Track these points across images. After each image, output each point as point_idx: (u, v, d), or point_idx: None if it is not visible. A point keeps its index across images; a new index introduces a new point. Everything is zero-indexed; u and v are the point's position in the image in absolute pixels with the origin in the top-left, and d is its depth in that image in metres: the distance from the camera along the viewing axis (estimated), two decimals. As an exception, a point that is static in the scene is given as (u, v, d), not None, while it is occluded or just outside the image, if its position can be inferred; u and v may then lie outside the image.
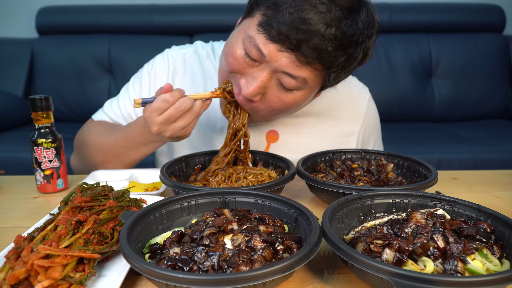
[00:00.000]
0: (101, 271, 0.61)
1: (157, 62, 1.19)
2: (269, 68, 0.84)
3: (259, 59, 0.84)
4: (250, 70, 0.87)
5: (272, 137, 1.15)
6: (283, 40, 0.78)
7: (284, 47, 0.79)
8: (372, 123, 1.22)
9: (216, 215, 0.67)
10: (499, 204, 0.91)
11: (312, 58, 0.79)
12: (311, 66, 0.81)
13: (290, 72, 0.82)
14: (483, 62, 2.80)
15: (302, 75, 0.83)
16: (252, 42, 0.83)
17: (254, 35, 0.83)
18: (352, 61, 0.84)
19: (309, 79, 0.84)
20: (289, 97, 0.88)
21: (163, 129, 0.88)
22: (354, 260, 0.51)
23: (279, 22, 0.77)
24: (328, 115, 1.16)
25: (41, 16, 2.86)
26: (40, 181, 0.97)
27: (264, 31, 0.80)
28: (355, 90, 1.20)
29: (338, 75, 0.86)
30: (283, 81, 0.85)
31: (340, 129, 1.17)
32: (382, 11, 2.86)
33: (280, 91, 0.87)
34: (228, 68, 0.91)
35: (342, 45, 0.79)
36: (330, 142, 1.16)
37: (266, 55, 0.82)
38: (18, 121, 2.62)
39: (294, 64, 0.81)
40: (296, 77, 0.83)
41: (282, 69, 0.82)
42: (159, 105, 0.86)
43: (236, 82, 0.91)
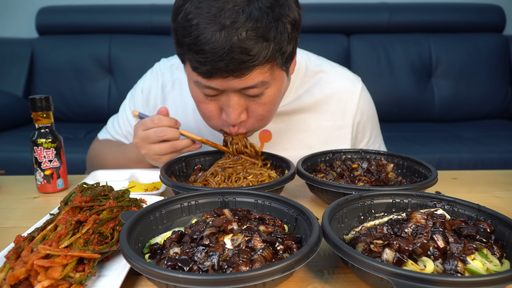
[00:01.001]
0: (101, 271, 0.61)
1: (147, 78, 1.23)
2: (230, 92, 0.85)
3: (217, 92, 0.86)
4: (221, 103, 0.89)
5: (265, 137, 1.15)
6: (216, 71, 0.79)
7: (223, 74, 0.80)
8: (366, 114, 1.19)
9: (216, 215, 0.67)
10: (499, 204, 0.91)
11: (248, 67, 0.79)
12: (254, 71, 0.81)
13: (246, 86, 0.83)
14: (483, 62, 2.80)
15: (257, 81, 0.83)
16: (200, 85, 0.86)
17: (196, 79, 0.85)
18: (283, 37, 0.81)
19: (264, 78, 0.84)
20: (264, 99, 0.89)
21: (140, 144, 0.95)
22: (354, 260, 0.51)
23: (200, 62, 0.79)
24: (319, 110, 1.15)
25: (41, 16, 2.86)
26: (40, 181, 0.97)
27: (200, 74, 0.82)
28: (346, 81, 1.18)
29: (284, 55, 0.85)
30: (249, 93, 0.86)
31: (333, 122, 1.16)
32: (382, 11, 2.87)
33: (255, 100, 0.88)
34: (207, 116, 0.94)
35: (261, 37, 0.77)
36: (324, 137, 1.15)
37: (217, 87, 0.84)
38: (18, 121, 2.61)
39: (242, 80, 0.81)
40: (254, 86, 0.84)
41: (237, 88, 0.83)
42: (146, 122, 0.94)
43: (221, 124, 0.94)
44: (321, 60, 1.22)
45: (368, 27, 2.89)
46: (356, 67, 2.78)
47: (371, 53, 2.80)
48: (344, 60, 2.80)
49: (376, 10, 2.88)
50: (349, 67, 2.78)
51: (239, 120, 0.90)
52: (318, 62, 1.20)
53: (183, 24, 0.79)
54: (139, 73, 1.33)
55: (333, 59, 1.27)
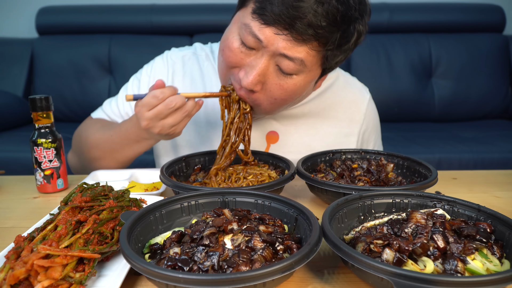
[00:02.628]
0: (101, 271, 0.61)
1: (157, 64, 1.20)
2: (266, 53, 0.84)
3: (256, 46, 0.85)
4: (248, 60, 0.87)
5: (272, 138, 1.15)
6: (278, 21, 0.79)
7: (280, 29, 0.80)
8: (372, 124, 1.22)
9: (216, 215, 0.67)
10: (499, 204, 0.91)
11: (307, 35, 0.80)
12: (307, 45, 0.81)
13: (287, 54, 0.82)
14: (483, 62, 2.80)
15: (300, 55, 0.83)
16: (247, 30, 0.84)
17: (249, 23, 0.83)
18: (347, 39, 0.84)
19: (307, 60, 0.84)
20: (289, 83, 0.88)
21: (152, 125, 0.89)
22: (354, 260, 0.51)
23: (272, 4, 0.78)
24: (328, 116, 1.16)
25: (41, 16, 2.86)
26: (40, 181, 0.97)
27: (259, 17, 0.81)
28: (355, 90, 1.20)
29: (335, 55, 0.86)
30: (282, 65, 0.85)
31: (340, 129, 1.17)
32: (382, 11, 2.87)
33: (279, 78, 0.87)
34: (226, 63, 0.91)
35: (335, 20, 0.79)
36: (330, 143, 1.16)
37: (262, 40, 0.82)
38: (18, 121, 2.62)
39: (291, 45, 0.81)
40: (293, 59, 0.83)
41: (279, 51, 0.82)
42: (149, 101, 0.87)
43: (235, 77, 0.92)
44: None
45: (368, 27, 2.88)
46: (356, 67, 2.78)
47: (371, 53, 2.81)
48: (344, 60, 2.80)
49: (376, 10, 2.88)
50: (349, 67, 2.78)
51: (253, 86, 0.88)
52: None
53: None
54: (139, 73, 1.33)
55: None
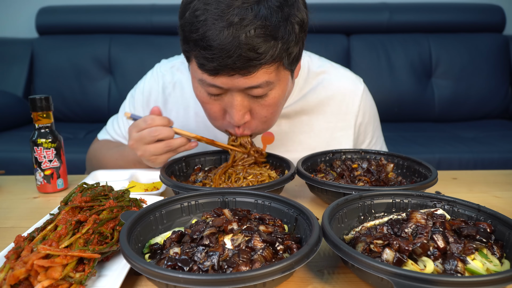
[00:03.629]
0: (101, 271, 0.61)
1: (148, 80, 1.22)
2: (234, 92, 0.85)
3: (221, 91, 0.86)
4: (224, 103, 0.89)
5: (267, 139, 1.15)
6: (223, 68, 0.79)
7: (229, 71, 0.80)
8: (368, 115, 1.20)
9: (216, 215, 0.67)
10: (499, 204, 0.91)
11: (255, 65, 0.79)
12: (261, 69, 0.81)
13: (250, 86, 0.83)
14: (483, 62, 2.80)
15: (262, 80, 0.83)
16: (205, 84, 0.85)
17: (201, 77, 0.84)
18: (290, 38, 0.82)
19: (270, 78, 0.84)
20: (268, 100, 0.88)
21: (136, 146, 0.94)
22: (354, 260, 0.51)
23: (207, 58, 0.79)
24: (321, 111, 1.15)
25: (41, 16, 2.86)
26: (40, 181, 0.97)
27: (205, 71, 0.82)
28: (348, 82, 1.18)
29: (290, 53, 0.85)
30: (253, 93, 0.86)
31: (335, 124, 1.16)
32: (382, 11, 2.87)
33: (258, 101, 0.88)
34: (211, 116, 0.94)
35: (269, 37, 0.78)
36: (327, 138, 1.16)
37: (222, 86, 0.84)
38: (18, 121, 2.61)
39: (247, 79, 0.81)
40: (259, 86, 0.84)
41: (242, 87, 0.83)
42: (139, 123, 0.93)
43: (226, 125, 0.94)
44: (323, 61, 1.22)
45: (368, 27, 2.89)
46: (356, 67, 2.78)
47: (371, 53, 2.80)
48: (344, 60, 2.80)
49: (376, 10, 2.88)
50: (349, 67, 2.78)
51: (243, 121, 0.89)
52: (320, 63, 1.20)
53: (190, 20, 0.79)
54: (139, 73, 1.33)
55: (333, 59, 1.27)
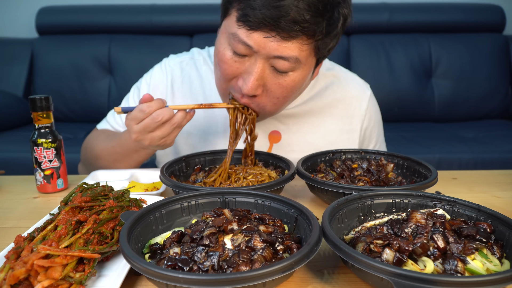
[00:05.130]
0: (101, 271, 0.61)
1: (155, 73, 1.21)
2: (260, 57, 0.85)
3: (248, 52, 0.85)
4: (243, 68, 0.88)
5: (274, 138, 1.15)
6: (263, 24, 0.79)
7: (267, 31, 0.80)
8: (374, 120, 1.22)
9: (216, 215, 0.67)
10: (499, 204, 0.91)
11: (294, 32, 0.80)
12: (297, 41, 0.82)
13: (280, 55, 0.83)
14: (483, 62, 2.80)
15: (292, 54, 0.83)
16: (236, 39, 0.84)
17: (236, 31, 0.84)
18: (334, 25, 0.84)
19: (300, 56, 0.84)
20: (287, 80, 0.88)
21: (141, 138, 0.91)
22: (354, 260, 0.51)
23: (253, 9, 0.79)
24: (329, 113, 1.16)
25: (41, 16, 2.86)
26: (40, 181, 0.97)
27: (244, 24, 0.81)
28: (356, 87, 1.20)
29: (325, 43, 0.87)
30: (277, 66, 0.85)
31: (342, 126, 1.17)
32: (382, 11, 2.87)
33: (277, 77, 0.88)
34: (224, 76, 0.92)
35: (318, 11, 0.80)
36: (332, 140, 1.16)
37: (253, 46, 0.83)
38: (18, 121, 2.61)
39: (282, 45, 0.82)
40: (287, 58, 0.83)
41: (272, 54, 0.83)
42: (136, 115, 0.89)
43: (235, 88, 0.93)
44: (333, 64, 1.24)
45: (368, 27, 2.89)
46: (356, 67, 2.78)
47: (371, 53, 2.80)
48: (344, 60, 2.80)
49: (376, 10, 2.88)
50: (349, 67, 2.78)
51: (254, 92, 0.88)
52: (330, 66, 1.22)
53: None
54: (139, 73, 1.33)
55: (333, 59, 1.28)
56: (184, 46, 2.73)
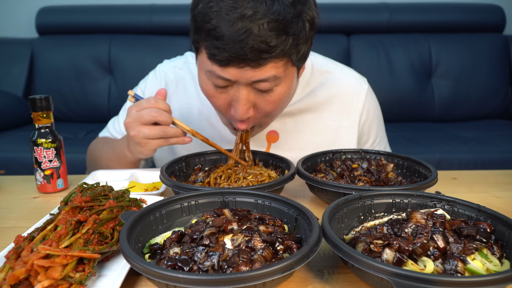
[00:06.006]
0: (101, 271, 0.61)
1: (150, 80, 1.23)
2: (240, 85, 0.86)
3: (228, 83, 0.87)
4: (230, 96, 0.89)
5: (272, 137, 1.15)
6: (233, 59, 0.80)
7: (239, 64, 0.81)
8: (372, 115, 1.21)
9: (216, 215, 0.67)
10: (499, 204, 0.91)
11: (265, 58, 0.80)
12: (269, 64, 0.82)
13: (258, 79, 0.84)
14: (483, 62, 2.80)
15: (269, 74, 0.84)
16: (213, 75, 0.86)
17: (211, 68, 0.85)
18: (301, 35, 0.84)
19: (278, 73, 0.85)
20: (274, 96, 0.89)
21: (131, 125, 0.92)
22: (354, 260, 0.51)
23: (218, 48, 0.80)
24: (326, 110, 1.16)
25: (41, 16, 2.86)
26: (40, 181, 0.97)
27: (215, 61, 0.83)
28: (352, 82, 1.20)
29: (298, 51, 0.86)
30: (259, 87, 0.86)
31: (339, 122, 1.17)
32: (382, 11, 2.87)
33: (264, 96, 0.89)
34: (217, 109, 0.95)
35: (281, 30, 0.79)
36: (331, 136, 1.16)
37: (230, 78, 0.84)
38: (18, 121, 2.61)
39: (256, 71, 0.82)
40: (266, 79, 0.84)
41: (250, 80, 0.84)
42: (141, 102, 0.92)
43: (228, 118, 0.96)
44: (327, 60, 1.23)
45: (368, 27, 2.89)
46: (356, 67, 2.78)
47: (371, 53, 2.80)
48: (344, 60, 2.80)
49: (376, 10, 2.88)
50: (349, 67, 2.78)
51: (246, 116, 0.90)
52: (324, 62, 1.21)
53: (204, 10, 0.80)
54: (139, 73, 1.34)
55: (333, 59, 1.28)
56: (184, 46, 2.73)
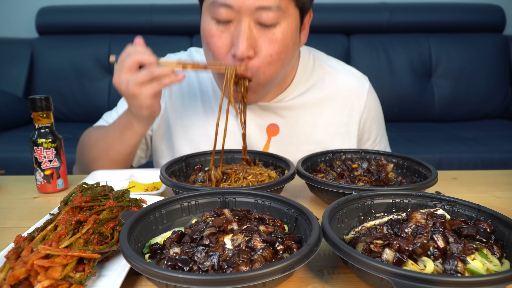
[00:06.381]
0: (101, 271, 0.61)
1: None
2: (243, 16, 0.85)
3: (230, 15, 0.85)
4: (231, 36, 0.88)
5: (272, 131, 1.15)
6: None
7: None
8: (373, 113, 1.21)
9: (216, 215, 0.67)
10: (499, 204, 0.91)
11: None
12: None
13: (262, 5, 0.83)
14: (483, 62, 2.80)
15: (273, 2, 0.83)
16: (216, 4, 0.85)
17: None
18: None
19: (281, 4, 0.85)
20: (276, 33, 0.88)
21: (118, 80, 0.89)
22: (354, 260, 0.51)
23: None
24: (327, 106, 1.16)
25: (41, 16, 2.86)
26: (40, 181, 0.97)
27: None
28: (354, 79, 1.20)
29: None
30: (262, 20, 0.85)
31: (340, 118, 1.17)
32: (382, 11, 2.87)
33: (266, 33, 0.88)
34: (217, 53, 0.91)
35: None
36: (331, 132, 1.16)
37: (233, 4, 0.83)
38: (18, 121, 2.61)
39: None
40: (269, 7, 0.84)
41: (253, 6, 0.83)
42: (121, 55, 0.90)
43: (228, 58, 0.92)
44: (330, 58, 1.25)
45: (368, 27, 2.89)
46: (356, 67, 2.72)
47: (371, 53, 2.80)
48: (344, 60, 2.75)
49: (376, 10, 2.88)
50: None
51: (247, 53, 0.88)
52: (326, 58, 1.23)
53: None
54: (139, 73, 1.33)
55: (333, 58, 1.28)
56: (184, 46, 2.70)
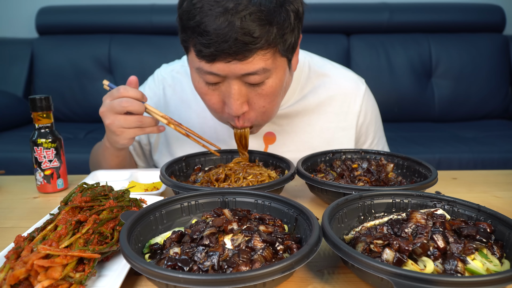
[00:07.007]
0: (101, 271, 0.61)
1: (149, 85, 1.24)
2: (231, 80, 0.86)
3: (218, 79, 0.87)
4: (222, 93, 0.89)
5: (269, 139, 1.15)
6: (219, 54, 0.80)
7: (225, 59, 0.81)
8: (370, 116, 1.20)
9: (216, 215, 0.67)
10: (499, 204, 0.91)
11: (249, 51, 0.80)
12: (256, 55, 0.82)
13: (247, 72, 0.83)
14: (483, 62, 2.80)
15: (258, 66, 0.83)
16: (202, 72, 0.86)
17: (199, 65, 0.85)
18: (286, 24, 0.83)
19: (266, 65, 0.84)
20: (266, 88, 0.89)
21: (105, 114, 0.95)
22: (354, 260, 0.51)
23: (204, 45, 0.80)
24: (323, 111, 1.16)
25: (41, 16, 2.86)
26: (40, 181, 0.97)
27: (202, 58, 0.83)
28: (350, 82, 1.19)
29: (285, 41, 0.86)
30: (250, 81, 0.86)
31: (337, 124, 1.16)
32: (382, 11, 2.87)
33: (256, 89, 0.88)
34: (211, 108, 0.95)
35: (264, 21, 0.79)
36: (328, 138, 1.16)
37: (219, 73, 0.84)
38: (18, 121, 2.61)
39: (244, 64, 0.82)
40: (255, 72, 0.84)
41: (239, 73, 0.84)
42: (113, 92, 0.95)
43: (226, 117, 0.95)
44: (325, 61, 1.23)
45: (368, 27, 2.89)
46: (356, 67, 2.78)
47: (371, 53, 2.80)
48: (344, 60, 2.80)
49: (376, 10, 2.88)
50: (349, 67, 2.78)
51: (241, 111, 0.89)
52: (321, 63, 1.21)
53: (188, 8, 0.81)
54: (139, 73, 1.33)
55: (333, 59, 1.27)
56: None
